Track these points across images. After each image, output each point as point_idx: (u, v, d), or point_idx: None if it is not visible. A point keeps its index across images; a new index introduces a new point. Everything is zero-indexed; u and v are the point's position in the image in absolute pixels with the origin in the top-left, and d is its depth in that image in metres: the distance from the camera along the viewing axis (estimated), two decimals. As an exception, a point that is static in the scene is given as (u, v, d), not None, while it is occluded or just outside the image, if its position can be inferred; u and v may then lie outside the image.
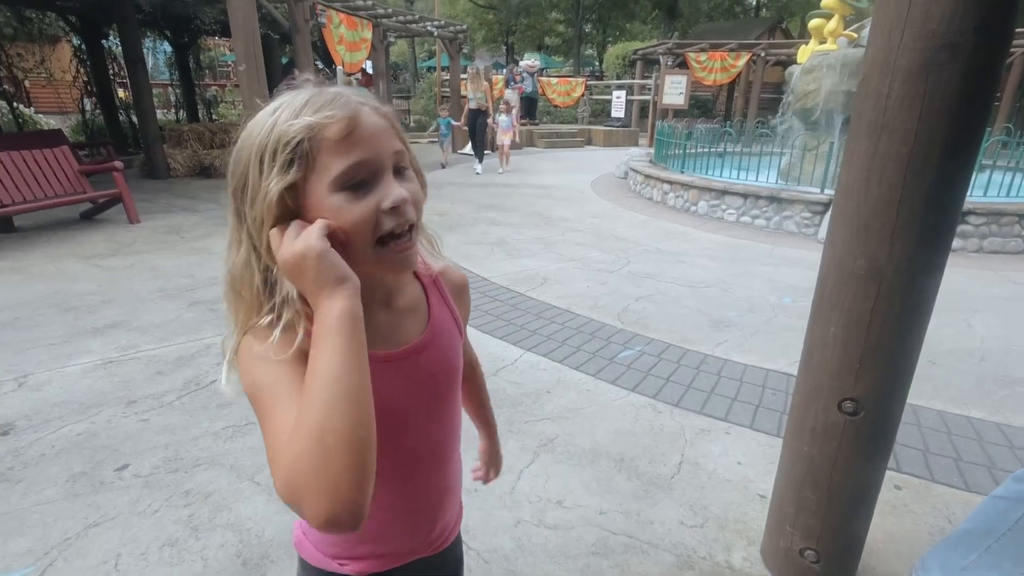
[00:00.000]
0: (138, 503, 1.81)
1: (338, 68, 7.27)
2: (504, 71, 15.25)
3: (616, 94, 15.24)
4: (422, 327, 0.70)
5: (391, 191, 0.57)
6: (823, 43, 7.00)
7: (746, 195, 5.83)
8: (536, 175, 9.10)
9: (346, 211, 0.55)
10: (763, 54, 13.88)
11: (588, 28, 25.14)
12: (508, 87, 13.43)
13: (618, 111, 15.10)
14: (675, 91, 13.45)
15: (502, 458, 1.05)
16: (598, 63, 23.64)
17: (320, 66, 10.14)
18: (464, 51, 14.15)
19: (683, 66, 13.97)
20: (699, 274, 4.22)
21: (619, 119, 14.99)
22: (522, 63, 15.14)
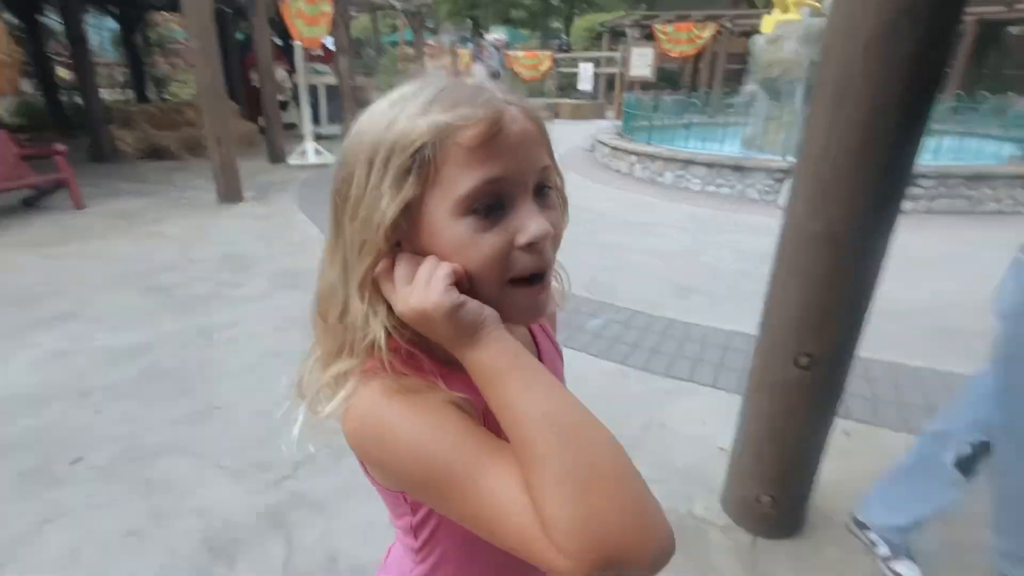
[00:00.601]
0: (95, 495, 1.75)
1: (296, 43, 6.98)
2: (470, 45, 14.92)
3: (583, 67, 15.11)
4: None
5: (530, 222, 0.44)
6: (787, 13, 7.03)
7: (711, 164, 5.88)
8: (504, 151, 8.97)
9: (472, 246, 0.43)
10: (729, 24, 13.89)
11: (555, 0, 24.73)
12: (476, 62, 13.16)
13: (585, 84, 14.99)
14: (642, 63, 13.40)
15: None
16: (565, 36, 23.33)
17: (278, 42, 9.72)
18: (429, 25, 13.77)
19: (650, 38, 13.90)
20: (665, 243, 4.27)
21: (586, 92, 14.89)
22: (488, 37, 14.82)
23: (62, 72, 11.11)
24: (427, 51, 7.70)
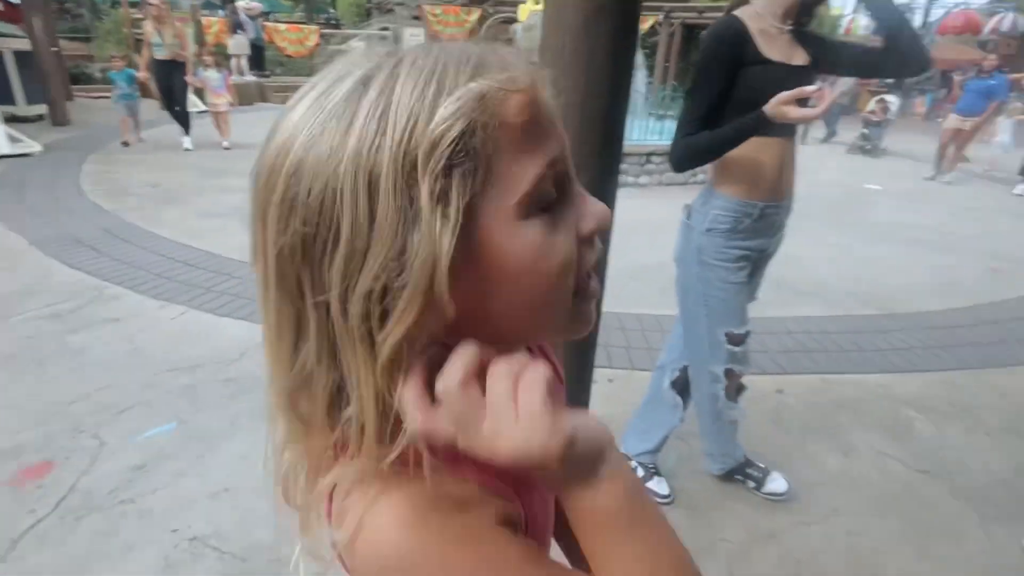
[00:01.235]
0: None
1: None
2: (223, 13, 13.08)
3: (355, 44, 14.48)
4: None
5: (590, 205, 0.36)
6: (538, 3, 7.67)
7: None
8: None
9: (550, 254, 0.32)
10: (491, 11, 14.64)
11: (317, -30, 23.02)
12: (238, 33, 11.67)
13: (360, 64, 14.44)
14: (413, 43, 13.41)
15: None
16: (333, 10, 21.93)
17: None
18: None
19: (419, 18, 13.92)
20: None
21: (362, 72, 14.34)
22: (239, 3, 13.11)
23: None
24: (151, 12, 5.79)
